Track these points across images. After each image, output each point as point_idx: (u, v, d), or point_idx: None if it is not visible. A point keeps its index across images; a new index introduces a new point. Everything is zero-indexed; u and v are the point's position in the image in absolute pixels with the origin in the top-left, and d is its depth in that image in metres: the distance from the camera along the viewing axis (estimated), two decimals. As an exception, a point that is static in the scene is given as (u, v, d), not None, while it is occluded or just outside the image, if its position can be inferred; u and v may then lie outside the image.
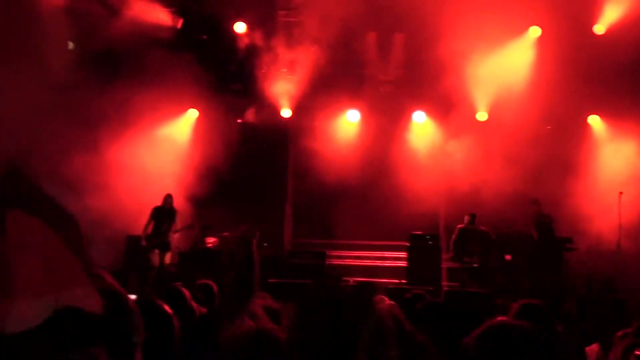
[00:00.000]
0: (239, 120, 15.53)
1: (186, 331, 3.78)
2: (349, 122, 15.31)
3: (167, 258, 12.78)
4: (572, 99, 12.56)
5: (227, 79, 14.83)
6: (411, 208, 12.90)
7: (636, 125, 12.48)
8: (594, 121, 13.96)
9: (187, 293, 5.74)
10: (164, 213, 12.89)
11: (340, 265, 14.24)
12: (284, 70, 15.01)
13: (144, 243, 12.67)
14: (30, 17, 12.46)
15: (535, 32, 13.72)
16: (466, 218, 12.58)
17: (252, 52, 14.66)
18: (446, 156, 14.15)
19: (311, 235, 15.27)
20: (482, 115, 14.24)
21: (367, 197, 13.62)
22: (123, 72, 13.73)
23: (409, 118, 15.10)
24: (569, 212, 11.36)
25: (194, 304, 5.17)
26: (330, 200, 14.18)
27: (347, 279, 12.65)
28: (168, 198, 12.94)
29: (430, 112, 14.88)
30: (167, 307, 2.75)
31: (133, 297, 4.10)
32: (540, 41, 13.63)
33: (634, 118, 12.37)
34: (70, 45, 15.24)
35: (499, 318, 2.60)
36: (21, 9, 12.29)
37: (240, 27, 14.85)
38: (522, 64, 13.80)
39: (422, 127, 15.07)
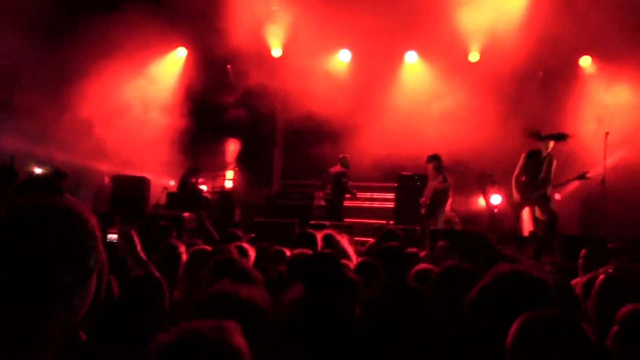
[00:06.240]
0: (228, 66, 15.29)
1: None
2: (340, 61, 15.13)
3: None
4: (565, 39, 12.38)
5: (215, 17, 14.48)
6: (400, 149, 12.80)
7: (626, 66, 12.34)
8: (585, 62, 13.80)
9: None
10: None
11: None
12: (275, 8, 14.75)
13: None
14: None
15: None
16: None
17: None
18: (438, 97, 13.99)
19: (300, 176, 15.26)
20: (474, 56, 14.07)
21: (356, 138, 13.49)
22: (110, 7, 13.46)
23: (401, 58, 14.92)
24: (557, 151, 11.25)
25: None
26: (320, 142, 14.09)
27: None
28: None
29: (421, 53, 14.70)
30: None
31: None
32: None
33: (624, 59, 12.22)
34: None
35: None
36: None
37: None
38: (516, 3, 13.55)
39: (413, 68, 14.90)
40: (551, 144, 10.39)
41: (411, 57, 14.87)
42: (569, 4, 12.45)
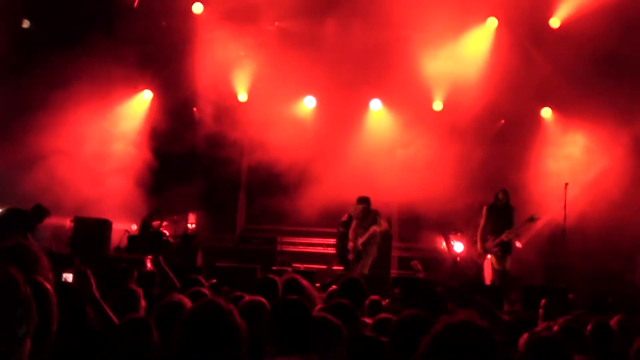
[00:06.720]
0: (194, 109, 15.25)
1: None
2: (305, 107, 15.20)
3: None
4: (526, 91, 12.72)
5: (182, 60, 14.48)
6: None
7: (585, 117, 12.68)
8: (546, 113, 14.12)
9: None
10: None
11: (291, 251, 14.20)
12: (242, 53, 14.85)
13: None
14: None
15: (492, 22, 13.77)
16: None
17: (209, 33, 14.45)
18: (402, 145, 14.14)
19: (264, 221, 15.17)
20: (437, 105, 14.27)
21: (320, 184, 13.49)
22: (80, 47, 13.41)
23: (366, 106, 15.05)
24: (518, 200, 11.46)
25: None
26: (284, 187, 14.05)
27: (298, 265, 12.64)
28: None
29: (386, 101, 14.84)
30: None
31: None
32: (497, 32, 13.70)
33: (583, 110, 12.55)
34: (26, 23, 14.91)
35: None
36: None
37: (198, 8, 14.63)
38: (479, 54, 13.86)
39: (378, 115, 15.04)
40: (504, 196, 10.66)
41: (376, 105, 15.00)
42: (527, 56, 12.87)
